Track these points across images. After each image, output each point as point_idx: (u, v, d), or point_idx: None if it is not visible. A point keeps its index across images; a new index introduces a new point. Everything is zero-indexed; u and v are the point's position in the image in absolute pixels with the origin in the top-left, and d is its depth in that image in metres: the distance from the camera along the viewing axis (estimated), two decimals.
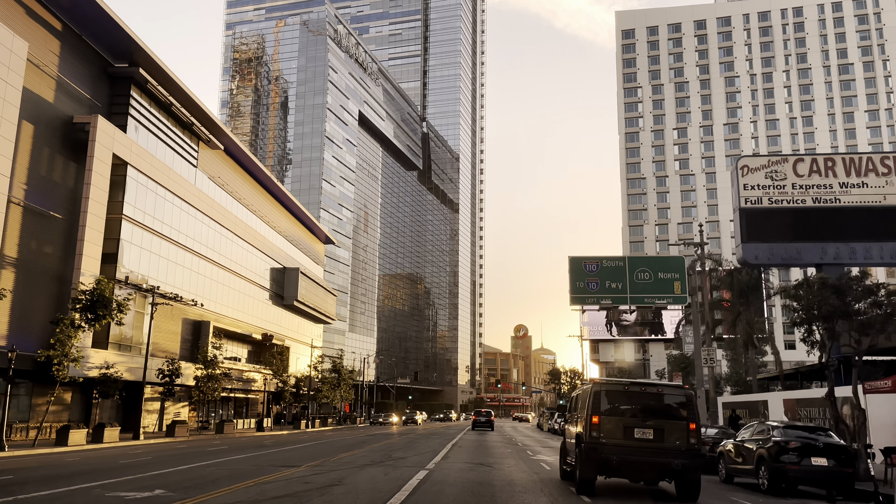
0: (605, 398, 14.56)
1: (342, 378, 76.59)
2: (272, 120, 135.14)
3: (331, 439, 37.38)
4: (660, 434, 14.05)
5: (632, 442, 14.10)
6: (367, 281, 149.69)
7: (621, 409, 14.50)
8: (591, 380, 18.04)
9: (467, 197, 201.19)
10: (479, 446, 31.17)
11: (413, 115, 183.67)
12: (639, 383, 15.19)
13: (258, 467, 18.72)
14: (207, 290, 59.15)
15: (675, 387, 14.99)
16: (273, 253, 76.69)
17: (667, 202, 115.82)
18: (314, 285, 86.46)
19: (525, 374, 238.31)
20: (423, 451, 25.00)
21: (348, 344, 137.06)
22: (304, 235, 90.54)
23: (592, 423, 14.27)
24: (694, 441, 14.02)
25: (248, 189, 71.97)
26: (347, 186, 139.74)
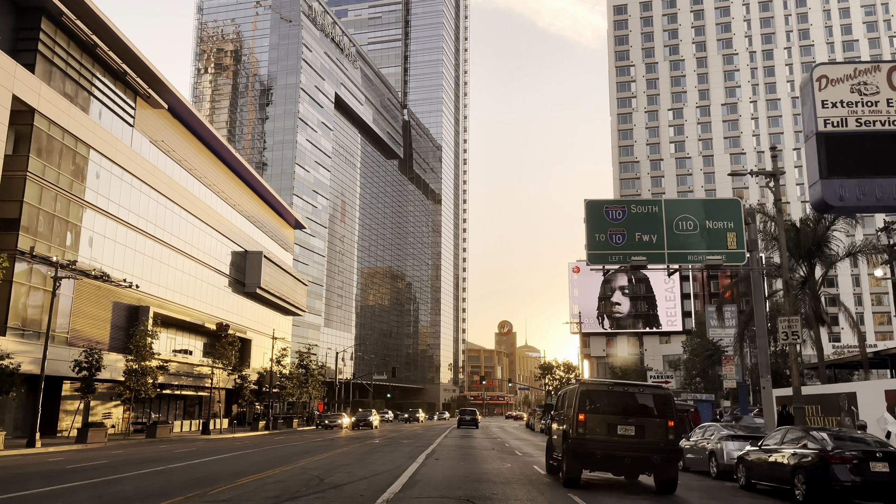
0: (590, 397, 15.47)
1: (310, 374, 68.78)
2: (246, 103, 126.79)
3: (266, 447, 29.68)
4: (641, 431, 14.90)
5: (615, 438, 14.90)
6: (345, 273, 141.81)
7: (605, 407, 15.29)
8: (577, 380, 17.89)
9: (450, 188, 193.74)
10: (465, 457, 23.56)
11: (393, 101, 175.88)
12: (622, 384, 16.20)
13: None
14: (148, 271, 51.17)
15: (656, 387, 16.06)
16: (233, 234, 68.74)
17: (661, 186, 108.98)
18: (281, 273, 78.56)
19: (510, 372, 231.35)
20: (379, 471, 17.37)
21: (324, 339, 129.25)
22: (272, 218, 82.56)
23: (579, 420, 15.02)
24: (672, 437, 14.95)
25: (204, 161, 63.94)
26: (323, 172, 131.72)
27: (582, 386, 15.87)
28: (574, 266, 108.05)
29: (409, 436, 40.82)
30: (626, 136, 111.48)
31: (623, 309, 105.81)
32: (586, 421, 15.01)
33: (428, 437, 39.53)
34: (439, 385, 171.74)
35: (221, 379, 61.65)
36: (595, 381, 16.57)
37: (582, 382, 16.22)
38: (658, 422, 15.03)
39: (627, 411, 15.18)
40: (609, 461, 15.06)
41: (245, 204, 73.74)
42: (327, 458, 21.59)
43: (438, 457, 23.22)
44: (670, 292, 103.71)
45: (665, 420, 15.02)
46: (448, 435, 43.87)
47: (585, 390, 15.61)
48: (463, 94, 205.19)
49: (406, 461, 20.72)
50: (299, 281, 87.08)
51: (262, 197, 79.33)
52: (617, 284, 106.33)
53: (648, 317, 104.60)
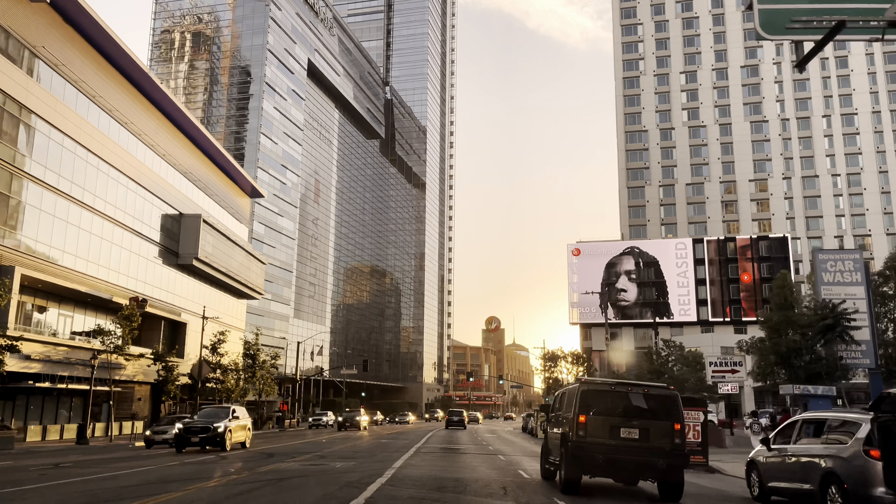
0: (591, 398, 14.41)
1: (259, 366, 55.66)
2: (206, 65, 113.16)
3: (116, 471, 16.98)
4: (645, 434, 13.96)
5: (618, 441, 13.93)
6: (318, 260, 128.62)
7: (608, 409, 14.26)
8: (578, 379, 16.14)
9: (435, 174, 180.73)
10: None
11: (375, 77, 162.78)
12: (625, 383, 15.15)
13: None
14: (29, 225, 38.01)
15: (661, 387, 14.90)
16: (166, 193, 55.55)
17: (673, 159, 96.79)
18: (230, 245, 65.38)
19: (497, 371, 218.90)
20: None
21: (294, 332, 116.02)
22: (222, 183, 69.35)
23: (579, 422, 14.07)
24: (678, 441, 13.93)
25: (128, 102, 50.74)
26: (293, 146, 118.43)
27: (583, 385, 14.79)
28: (574, 248, 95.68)
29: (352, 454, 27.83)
30: (633, 103, 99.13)
31: (630, 296, 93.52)
32: (587, 423, 14.04)
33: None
34: (422, 384, 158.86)
35: (140, 370, 48.51)
36: (597, 381, 15.63)
37: (582, 382, 15.05)
38: (663, 424, 14.00)
39: (631, 413, 14.12)
40: (611, 466, 14.02)
41: (186, 161, 60.56)
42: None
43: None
44: (683, 277, 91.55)
45: (671, 422, 14.01)
46: (424, 447, 31.07)
47: (586, 390, 14.60)
48: (450, 74, 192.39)
49: None
50: (255, 258, 73.86)
51: (210, 157, 66.19)
52: (622, 269, 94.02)
53: (658, 305, 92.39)
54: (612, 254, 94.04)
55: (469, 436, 44.70)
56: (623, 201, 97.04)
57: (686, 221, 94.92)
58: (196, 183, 61.71)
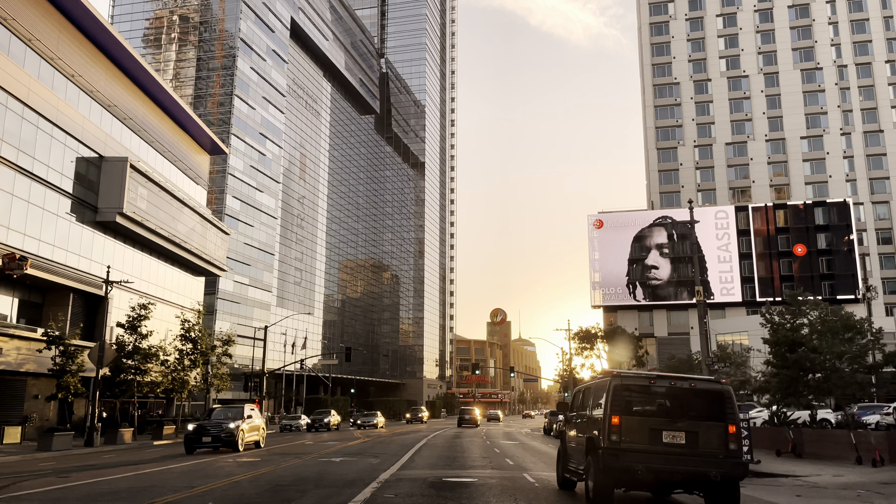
0: (627, 394, 11.77)
1: (201, 353, 42.44)
2: (172, 22, 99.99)
3: None
4: (693, 438, 11.54)
5: (659, 447, 11.48)
6: (305, 243, 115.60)
7: (647, 407, 11.83)
8: (606, 371, 14.80)
9: (435, 155, 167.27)
10: None
11: (369, 47, 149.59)
12: (667, 377, 12.17)
13: None
14: None
15: (711, 381, 12.36)
16: (84, 133, 42.47)
17: (709, 114, 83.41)
18: (177, 207, 52.35)
19: (504, 364, 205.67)
20: None
21: (276, 321, 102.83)
22: (171, 132, 56.24)
23: (612, 424, 11.52)
24: (734, 447, 11.52)
25: (30, 12, 37.68)
26: (274, 113, 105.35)
27: (615, 379, 11.92)
28: (595, 219, 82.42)
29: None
30: (662, 52, 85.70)
31: (662, 274, 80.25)
32: (622, 425, 11.49)
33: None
34: (422, 380, 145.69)
35: (31, 357, 35.49)
36: (632, 374, 12.65)
37: (615, 375, 12.14)
38: (715, 426, 11.56)
39: (675, 413, 11.68)
40: (652, 478, 11.38)
41: (122, 102, 47.46)
42: None
43: None
44: (724, 251, 78.27)
45: (724, 424, 11.55)
46: (410, 466, 17.87)
47: (620, 385, 11.82)
48: (450, 47, 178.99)
49: None
50: (215, 226, 60.72)
51: (155, 100, 53.11)
52: (653, 242, 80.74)
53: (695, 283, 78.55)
54: (640, 225, 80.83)
55: (480, 443, 31.59)
56: (652, 165, 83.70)
57: (726, 186, 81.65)
58: (127, 122, 48.48)
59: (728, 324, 71.54)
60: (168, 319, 47.89)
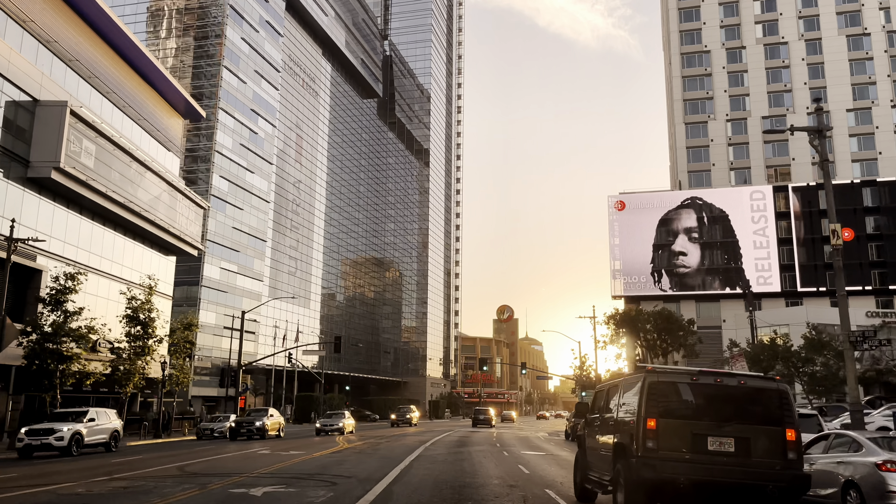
0: (664, 393, 9.82)
1: (149, 335, 34.76)
2: None
3: None
4: (744, 445, 9.62)
5: (704, 456, 9.56)
6: (301, 230, 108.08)
7: (689, 409, 9.89)
8: (638, 366, 12.03)
9: (440, 142, 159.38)
10: None
11: (371, 27, 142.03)
12: (712, 373, 10.22)
13: None
14: None
15: (764, 378, 10.28)
16: (11, 71, 34.92)
17: (744, 85, 75.47)
18: (137, 169, 44.79)
19: (511, 364, 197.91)
20: None
21: (270, 314, 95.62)
22: (136, 88, 48.68)
23: (647, 428, 9.60)
24: (793, 456, 9.60)
25: None
26: (267, 88, 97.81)
27: (650, 375, 9.96)
28: (616, 201, 74.61)
29: None
30: (691, 17, 77.74)
31: (691, 261, 72.38)
32: (659, 430, 9.56)
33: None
34: (426, 378, 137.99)
35: None
36: (669, 370, 10.64)
37: (649, 370, 10.13)
38: (771, 431, 9.70)
39: (723, 415, 9.77)
40: (697, 493, 9.43)
41: (67, 40, 39.94)
42: None
43: None
44: (761, 236, 70.32)
45: (781, 429, 9.68)
46: None
47: (656, 382, 9.87)
48: (457, 30, 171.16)
49: None
50: (188, 197, 53.11)
51: (117, 50, 45.63)
52: (681, 226, 72.88)
53: (729, 272, 71.21)
54: (666, 207, 73.01)
55: (494, 455, 23.90)
56: (679, 140, 75.76)
57: (763, 164, 73.76)
58: (72, 64, 40.88)
59: (766, 316, 63.44)
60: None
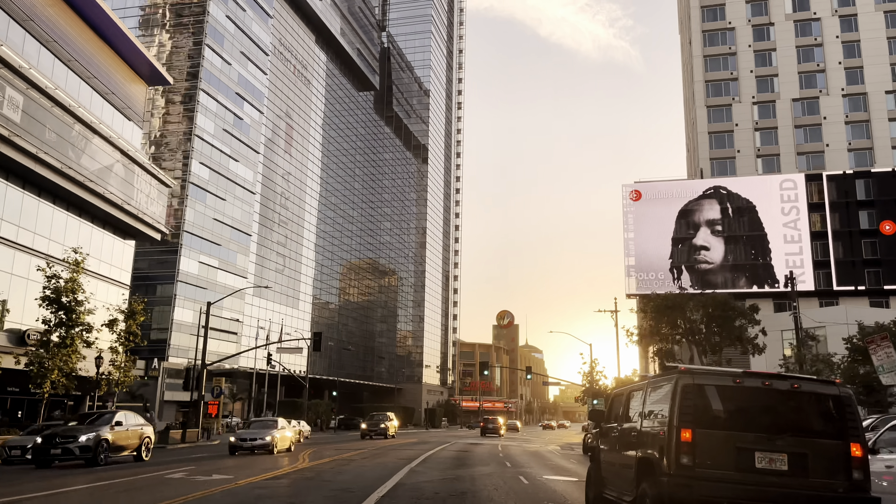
0: (702, 399, 8.27)
1: (76, 324, 27.99)
2: None
3: None
4: (800, 462, 7.99)
5: (751, 475, 7.94)
6: (290, 225, 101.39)
7: (731, 418, 8.27)
8: (668, 366, 9.98)
9: (439, 141, 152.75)
10: None
11: (369, 17, 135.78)
12: (759, 374, 8.56)
13: None
14: None
15: (823, 381, 8.64)
16: None
17: (772, 64, 69.08)
18: (82, 131, 38.22)
19: (510, 372, 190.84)
20: None
21: (253, 313, 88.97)
22: (87, 43, 42.08)
23: (681, 441, 8.04)
24: (859, 475, 7.87)
25: None
26: (254, 71, 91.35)
27: (684, 377, 8.35)
28: (632, 190, 68.06)
29: None
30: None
31: (714, 256, 65.72)
32: (696, 442, 7.98)
33: None
34: (422, 385, 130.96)
35: None
36: (706, 370, 8.97)
37: (682, 370, 8.50)
38: (832, 446, 8.01)
39: (774, 425, 8.17)
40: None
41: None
42: None
43: None
44: (792, 229, 63.68)
45: (844, 443, 7.99)
46: None
47: (691, 385, 8.28)
48: (459, 23, 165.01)
49: None
50: (150, 172, 46.47)
51: (70, 3, 39.11)
52: (703, 217, 66.25)
53: (756, 268, 64.50)
54: (686, 197, 66.44)
55: (507, 478, 17.24)
56: (700, 125, 69.21)
57: (794, 151, 67.21)
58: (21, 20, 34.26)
59: (820, 312, 56.69)
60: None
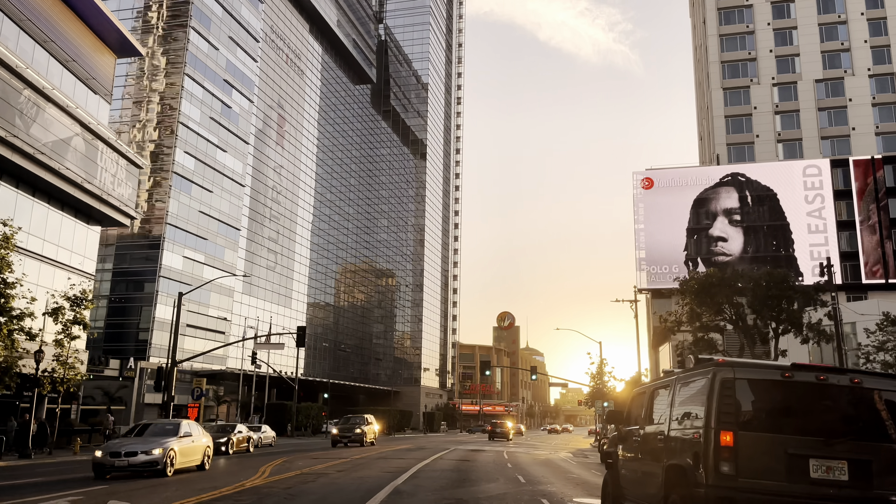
0: (745, 396, 7.19)
1: (2, 311, 23.49)
2: None
3: None
4: (862, 471, 6.88)
5: (804, 486, 6.86)
6: (283, 220, 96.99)
7: (780, 419, 7.15)
8: (702, 358, 8.06)
9: (438, 136, 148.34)
10: None
11: (365, 7, 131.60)
12: (813, 367, 7.39)
13: None
14: None
15: (887, 377, 7.54)
16: None
17: (794, 44, 64.77)
18: (32, 97, 33.84)
19: (511, 374, 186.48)
20: None
21: (242, 312, 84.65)
22: (45, 4, 37.68)
23: (720, 446, 6.94)
24: None
25: None
26: (244, 59, 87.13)
27: (723, 370, 7.22)
28: (643, 178, 63.71)
29: None
30: None
31: (732, 247, 61.36)
32: (739, 448, 6.86)
33: None
34: (420, 387, 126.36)
35: None
36: (749, 364, 7.55)
37: (720, 363, 7.37)
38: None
39: (831, 428, 7.06)
40: None
41: None
42: None
43: None
44: (817, 218, 59.32)
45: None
46: None
47: (732, 379, 7.14)
48: (458, 16, 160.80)
49: None
50: (113, 148, 42.07)
51: None
52: (719, 206, 61.89)
53: (778, 260, 59.91)
54: (702, 185, 62.12)
55: (517, 497, 12.83)
56: (716, 109, 64.85)
57: (817, 135, 62.87)
58: None
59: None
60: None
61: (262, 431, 42.07)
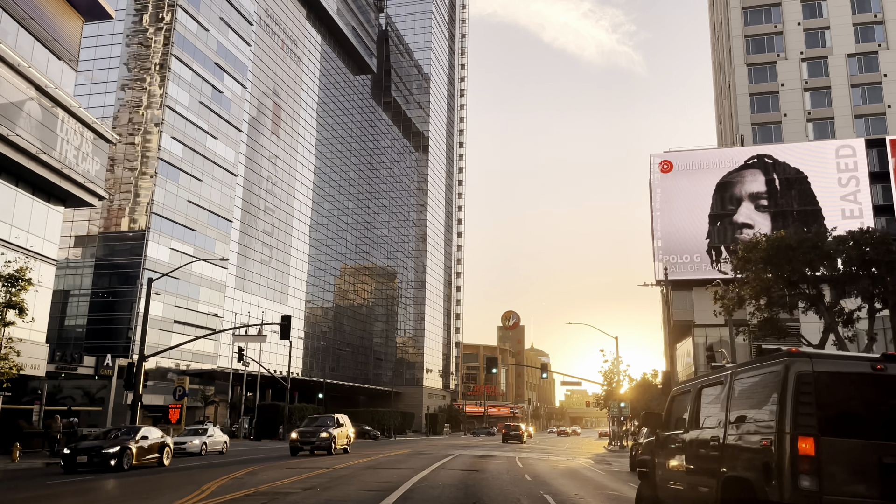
0: (828, 395, 6.30)
1: None
2: None
3: None
4: None
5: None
6: (278, 212, 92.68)
7: (872, 422, 6.30)
8: (763, 346, 7.55)
9: (441, 129, 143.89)
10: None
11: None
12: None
13: None
14: None
15: None
16: None
17: (823, 17, 60.20)
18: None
19: (516, 376, 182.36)
20: None
21: (235, 308, 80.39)
22: None
23: (799, 454, 6.09)
24: None
25: None
26: (236, 42, 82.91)
27: (799, 362, 6.36)
28: (661, 161, 59.23)
29: None
30: None
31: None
32: (822, 457, 6.03)
33: None
34: (422, 388, 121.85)
35: None
36: (830, 355, 6.81)
37: (794, 353, 6.49)
38: None
39: None
40: None
41: None
42: None
43: None
44: (852, 202, 54.75)
45: None
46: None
47: (810, 373, 6.28)
48: (461, 7, 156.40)
49: None
50: (77, 118, 37.67)
51: None
52: (745, 191, 57.33)
53: None
54: (725, 167, 57.57)
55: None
56: (740, 86, 60.30)
57: (850, 113, 58.34)
58: None
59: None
60: None
61: (206, 436, 34.01)
